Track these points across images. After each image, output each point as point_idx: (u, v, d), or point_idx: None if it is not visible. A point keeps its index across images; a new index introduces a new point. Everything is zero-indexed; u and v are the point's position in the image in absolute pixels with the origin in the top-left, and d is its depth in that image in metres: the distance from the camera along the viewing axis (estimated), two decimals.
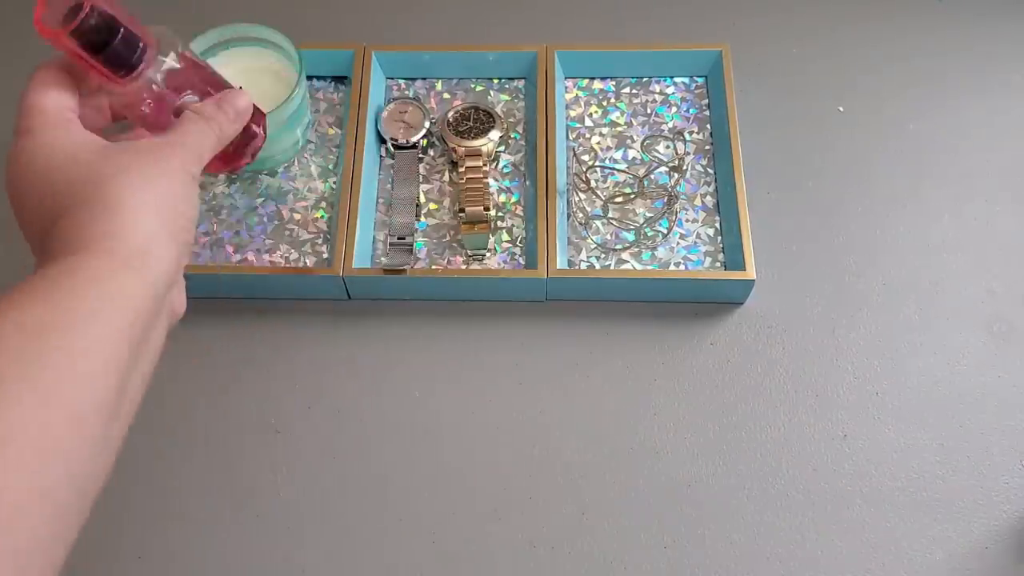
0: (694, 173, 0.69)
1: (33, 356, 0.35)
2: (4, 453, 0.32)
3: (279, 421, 0.61)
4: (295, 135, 0.68)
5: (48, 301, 0.36)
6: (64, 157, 0.43)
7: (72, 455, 0.35)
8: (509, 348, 0.63)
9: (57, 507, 0.34)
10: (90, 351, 0.36)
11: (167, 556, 0.56)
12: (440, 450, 0.60)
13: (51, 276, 0.38)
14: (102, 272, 0.39)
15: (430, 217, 0.67)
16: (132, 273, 0.40)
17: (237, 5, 0.77)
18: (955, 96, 0.73)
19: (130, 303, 0.39)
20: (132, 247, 0.40)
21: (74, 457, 0.35)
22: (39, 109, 0.44)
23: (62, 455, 0.34)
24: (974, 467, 0.59)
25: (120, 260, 0.40)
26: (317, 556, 0.56)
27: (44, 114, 0.44)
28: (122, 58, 0.44)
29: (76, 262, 0.39)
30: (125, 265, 0.40)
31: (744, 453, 0.59)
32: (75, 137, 0.44)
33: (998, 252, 0.66)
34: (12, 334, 0.35)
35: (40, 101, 0.44)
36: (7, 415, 0.33)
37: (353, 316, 0.64)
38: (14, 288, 0.37)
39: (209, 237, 0.66)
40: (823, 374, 0.62)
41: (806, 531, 0.57)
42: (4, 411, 0.33)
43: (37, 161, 0.43)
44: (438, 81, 0.73)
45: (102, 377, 0.37)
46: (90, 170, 0.42)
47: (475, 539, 0.57)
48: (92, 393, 0.36)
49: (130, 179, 0.42)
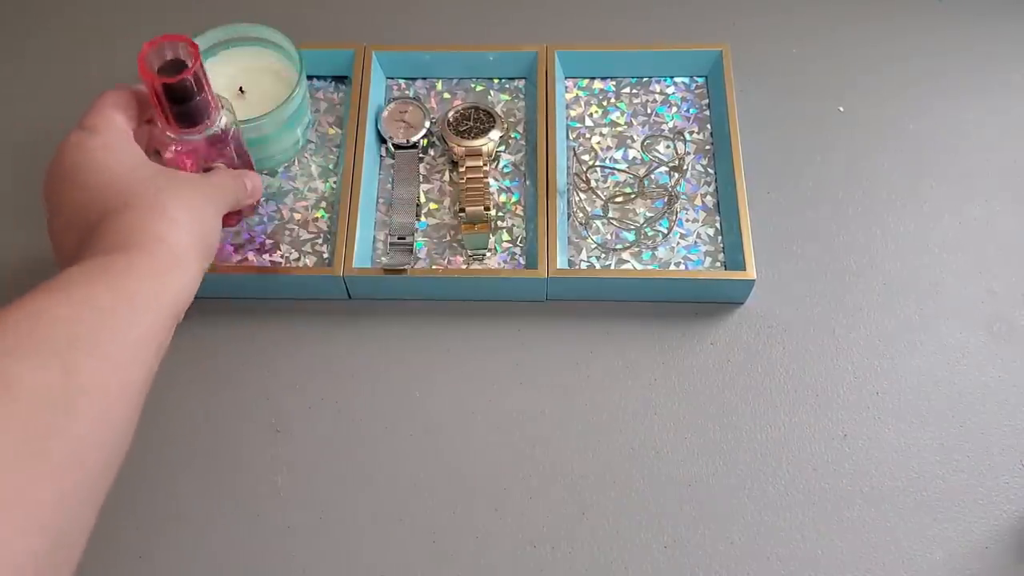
0: (694, 173, 0.69)
1: (100, 328, 0.41)
2: (78, 402, 0.38)
3: (279, 421, 0.61)
4: (295, 135, 0.68)
5: (112, 287, 0.43)
6: (125, 160, 0.49)
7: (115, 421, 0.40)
8: (509, 348, 0.63)
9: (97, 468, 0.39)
10: (146, 334, 0.43)
11: (167, 555, 0.56)
12: (440, 450, 0.60)
13: (111, 266, 0.44)
14: (155, 269, 0.45)
15: (430, 217, 0.67)
16: (178, 274, 0.46)
17: (237, 5, 0.77)
18: (955, 96, 0.73)
19: (176, 298, 0.46)
20: (177, 253, 0.47)
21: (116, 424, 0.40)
22: (109, 114, 0.50)
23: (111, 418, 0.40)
24: (974, 467, 0.59)
25: (169, 261, 0.46)
26: (317, 556, 0.56)
27: (112, 120, 0.50)
28: (191, 116, 0.52)
29: (133, 257, 0.45)
30: (173, 266, 0.46)
31: (744, 453, 0.59)
32: (134, 148, 0.50)
33: (998, 252, 0.66)
34: (85, 309, 0.41)
35: (111, 108, 0.50)
36: (76, 379, 0.38)
37: (353, 316, 0.64)
38: (76, 271, 0.43)
39: None
40: (823, 374, 0.62)
41: (806, 531, 0.57)
42: (73, 375, 0.38)
43: (98, 157, 0.48)
44: (438, 81, 0.73)
45: (151, 358, 0.43)
46: (147, 178, 0.49)
47: (475, 539, 0.57)
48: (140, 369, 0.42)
49: (180, 197, 0.49)
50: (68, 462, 0.37)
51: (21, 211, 0.68)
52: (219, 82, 0.67)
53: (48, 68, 0.75)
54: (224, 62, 0.68)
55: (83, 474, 0.38)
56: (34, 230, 0.66)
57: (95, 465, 0.38)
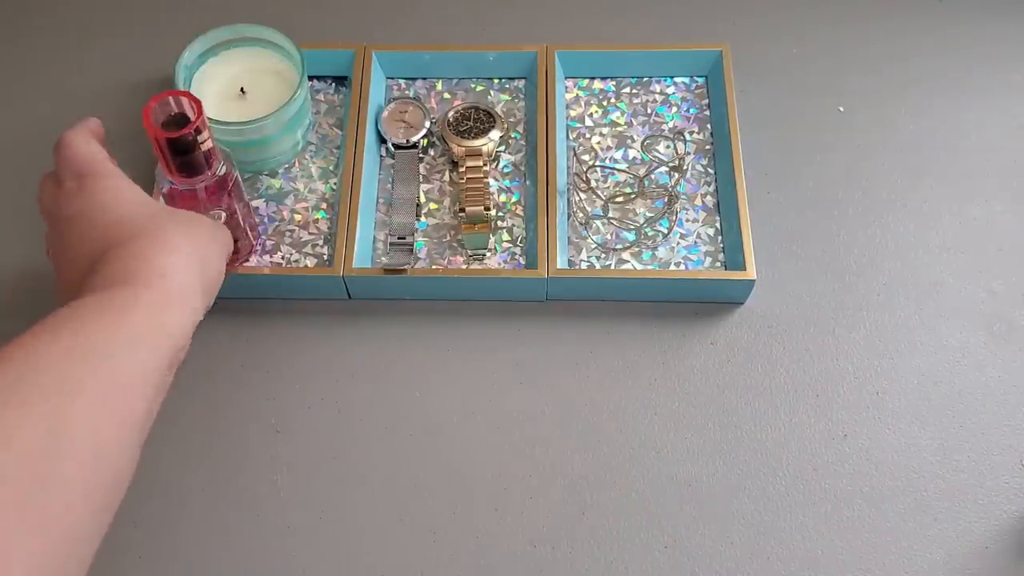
0: (694, 173, 0.69)
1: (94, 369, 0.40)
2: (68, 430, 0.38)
3: (279, 421, 0.61)
4: (296, 137, 0.68)
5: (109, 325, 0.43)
6: (131, 198, 0.50)
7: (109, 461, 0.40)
8: (509, 348, 0.63)
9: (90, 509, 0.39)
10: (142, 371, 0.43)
11: (167, 556, 0.56)
12: (440, 450, 0.60)
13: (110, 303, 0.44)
14: (155, 304, 0.45)
15: (430, 217, 0.67)
16: (178, 309, 0.46)
17: (238, 6, 0.77)
18: (955, 96, 0.73)
19: (174, 331, 0.45)
20: (177, 289, 0.47)
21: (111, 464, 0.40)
22: (95, 156, 0.51)
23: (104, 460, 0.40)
24: (974, 467, 0.59)
25: (170, 297, 0.46)
26: (317, 556, 0.56)
27: (104, 163, 0.51)
28: (192, 167, 0.55)
29: (132, 292, 0.45)
30: (173, 302, 0.46)
31: (744, 453, 0.59)
32: (134, 186, 0.51)
33: (998, 252, 0.66)
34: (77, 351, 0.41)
35: (94, 149, 0.51)
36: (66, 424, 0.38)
37: (353, 316, 0.64)
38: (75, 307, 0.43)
39: None
40: (823, 374, 0.62)
41: (806, 531, 0.57)
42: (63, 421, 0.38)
43: (106, 198, 0.49)
44: (438, 81, 0.73)
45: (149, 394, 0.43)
46: (153, 214, 0.50)
47: (475, 539, 0.57)
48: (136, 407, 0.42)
49: (183, 232, 0.50)
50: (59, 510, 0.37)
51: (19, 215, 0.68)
52: (220, 83, 0.67)
53: (42, 70, 0.75)
54: (225, 62, 0.68)
55: (74, 519, 0.38)
56: (33, 234, 0.67)
57: (87, 508, 0.38)
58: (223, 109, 0.66)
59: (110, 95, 0.73)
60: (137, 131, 0.57)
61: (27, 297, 0.64)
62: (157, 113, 0.53)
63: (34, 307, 0.63)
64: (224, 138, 0.63)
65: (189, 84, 0.66)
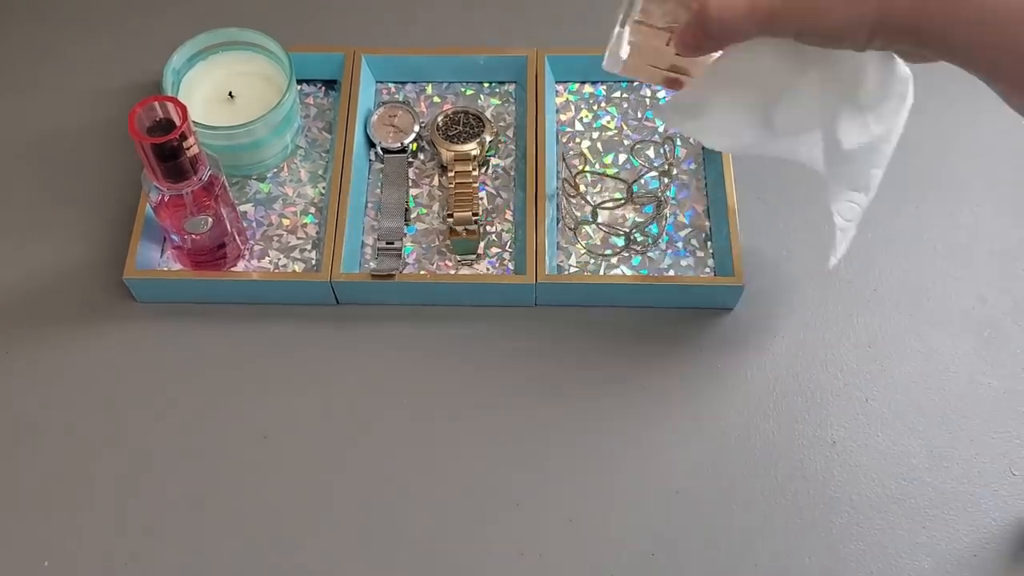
0: (684, 178, 0.69)
1: None
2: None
3: (267, 427, 0.60)
4: (284, 140, 0.68)
5: None
6: None
7: None
8: (498, 353, 0.63)
9: None
10: None
11: (157, 561, 0.56)
12: (429, 456, 0.59)
13: None
14: None
15: (419, 222, 0.67)
16: None
17: (226, 9, 0.77)
18: (949, 101, 0.73)
19: None
20: None
21: None
22: None
23: None
24: (964, 474, 0.58)
25: None
26: (305, 563, 0.56)
27: None
28: (178, 172, 0.55)
29: None
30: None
31: (734, 459, 0.59)
32: None
33: (989, 258, 0.66)
34: None
35: None
36: None
37: (342, 321, 0.64)
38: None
39: None
40: (812, 381, 0.62)
41: (795, 538, 0.56)
42: None
43: None
44: (428, 85, 0.73)
45: None
46: None
47: (464, 546, 0.57)
48: None
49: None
50: None
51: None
52: (209, 87, 0.67)
53: (29, 74, 0.74)
54: (214, 66, 0.67)
55: None
56: (24, 232, 0.66)
57: None
58: (212, 113, 0.66)
59: (98, 99, 0.72)
60: (124, 136, 0.57)
61: (26, 297, 0.64)
62: (142, 119, 0.53)
63: (34, 307, 0.64)
64: (213, 142, 0.63)
65: (178, 88, 0.66)
